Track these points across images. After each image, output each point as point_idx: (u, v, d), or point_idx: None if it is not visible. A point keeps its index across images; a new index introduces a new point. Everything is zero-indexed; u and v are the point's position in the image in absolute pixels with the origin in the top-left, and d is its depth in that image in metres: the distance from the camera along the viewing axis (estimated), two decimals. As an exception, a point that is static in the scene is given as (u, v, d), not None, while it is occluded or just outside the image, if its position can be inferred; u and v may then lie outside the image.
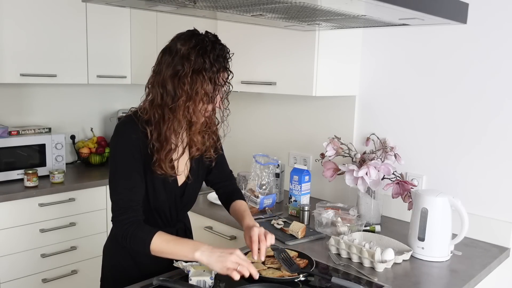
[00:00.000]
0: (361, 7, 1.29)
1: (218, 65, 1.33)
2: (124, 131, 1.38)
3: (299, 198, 2.16)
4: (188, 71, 1.29)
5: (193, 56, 1.29)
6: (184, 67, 1.30)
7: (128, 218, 1.35)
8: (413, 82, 2.09)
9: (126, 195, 1.36)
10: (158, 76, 1.35)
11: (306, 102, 2.50)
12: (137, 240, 1.32)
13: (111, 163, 1.40)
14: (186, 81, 1.29)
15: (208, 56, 1.30)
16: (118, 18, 3.06)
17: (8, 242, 2.45)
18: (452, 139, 1.99)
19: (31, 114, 3.02)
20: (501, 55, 1.83)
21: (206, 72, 1.30)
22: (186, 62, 1.30)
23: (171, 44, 1.36)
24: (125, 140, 1.37)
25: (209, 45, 1.32)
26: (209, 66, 1.30)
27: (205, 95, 1.32)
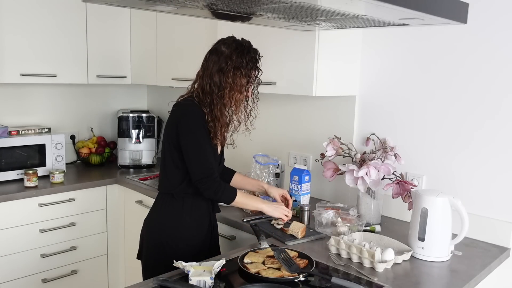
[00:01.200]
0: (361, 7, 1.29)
1: (252, 64, 1.72)
2: (194, 111, 1.70)
3: (299, 198, 2.16)
4: (230, 67, 1.68)
5: (234, 57, 1.68)
6: (228, 64, 1.68)
7: (217, 177, 1.73)
8: (413, 82, 2.09)
9: (211, 160, 1.72)
10: (206, 71, 1.72)
11: (306, 102, 2.50)
12: (229, 191, 1.75)
13: (188, 136, 1.69)
14: (229, 75, 1.68)
15: (245, 57, 1.69)
16: (118, 18, 3.06)
17: (8, 242, 2.45)
18: (452, 139, 1.99)
19: (31, 114, 3.02)
20: (502, 55, 1.83)
21: (243, 69, 1.69)
22: (229, 61, 1.68)
23: (216, 47, 1.73)
24: (198, 117, 1.69)
25: (246, 48, 1.71)
26: (245, 64, 1.69)
27: (241, 86, 1.71)
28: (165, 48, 2.90)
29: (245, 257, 1.56)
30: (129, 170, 3.09)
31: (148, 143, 3.17)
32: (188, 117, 1.70)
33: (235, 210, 2.19)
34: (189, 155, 1.70)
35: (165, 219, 1.80)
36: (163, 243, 1.77)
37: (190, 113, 1.70)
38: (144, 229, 1.88)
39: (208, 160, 1.70)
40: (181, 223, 1.78)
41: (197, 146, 1.69)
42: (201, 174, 1.69)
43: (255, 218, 2.05)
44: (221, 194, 1.72)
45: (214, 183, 1.70)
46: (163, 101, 3.47)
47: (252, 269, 1.46)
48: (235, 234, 2.06)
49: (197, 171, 1.70)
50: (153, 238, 1.81)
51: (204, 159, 1.70)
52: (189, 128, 1.69)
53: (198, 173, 1.70)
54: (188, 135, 1.70)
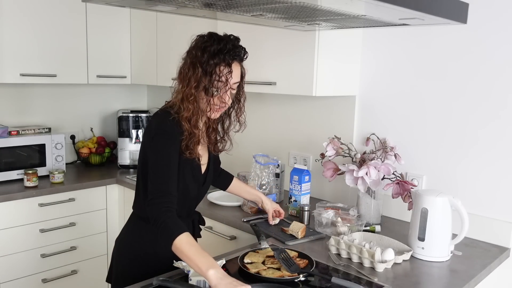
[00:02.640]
0: (361, 7, 1.29)
1: (217, 59, 1.40)
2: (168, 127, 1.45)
3: (299, 198, 2.16)
4: (187, 62, 1.44)
5: (195, 50, 1.43)
6: (187, 59, 1.44)
7: (166, 203, 1.38)
8: (413, 82, 2.09)
9: (167, 182, 1.42)
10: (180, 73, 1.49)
11: (306, 102, 2.50)
12: (167, 229, 1.33)
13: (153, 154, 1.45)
14: (185, 72, 1.43)
15: (208, 50, 1.40)
16: (118, 18, 3.06)
17: (8, 242, 2.45)
18: (452, 139, 1.99)
19: (31, 114, 3.02)
20: (503, 55, 1.83)
21: (202, 64, 1.40)
22: (188, 55, 1.44)
23: None
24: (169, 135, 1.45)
25: (215, 40, 1.42)
26: (206, 59, 1.40)
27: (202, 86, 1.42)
28: (165, 48, 2.90)
29: (245, 257, 1.56)
30: (129, 170, 3.09)
31: (148, 143, 3.16)
32: (159, 131, 1.46)
33: (235, 210, 2.19)
34: (150, 173, 1.45)
35: (137, 241, 1.59)
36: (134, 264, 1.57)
37: (162, 127, 1.46)
38: (115, 250, 1.67)
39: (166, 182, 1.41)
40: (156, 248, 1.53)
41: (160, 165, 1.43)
42: (151, 194, 1.41)
43: (255, 218, 2.05)
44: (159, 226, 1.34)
45: (158, 209, 1.37)
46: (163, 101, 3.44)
47: (252, 269, 1.46)
48: (235, 234, 2.06)
49: (150, 191, 1.42)
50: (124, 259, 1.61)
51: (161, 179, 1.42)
52: (158, 145, 1.45)
53: (150, 193, 1.42)
54: (155, 152, 1.45)
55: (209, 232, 2.15)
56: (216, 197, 2.33)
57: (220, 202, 2.24)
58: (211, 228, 2.15)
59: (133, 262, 1.58)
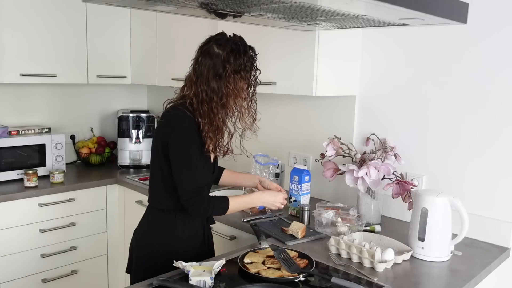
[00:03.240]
0: (361, 7, 1.29)
1: (250, 64, 1.59)
2: (186, 123, 1.56)
3: (299, 198, 2.16)
4: (230, 72, 1.54)
5: (232, 59, 1.54)
6: (227, 69, 1.53)
7: (204, 197, 1.60)
8: (413, 82, 2.09)
9: (199, 179, 1.59)
10: (200, 77, 1.56)
11: (306, 102, 2.50)
12: (220, 208, 1.63)
13: (178, 153, 1.57)
14: (230, 81, 1.55)
15: (242, 58, 1.56)
16: (118, 18, 3.06)
17: (8, 242, 2.45)
18: (452, 139, 1.99)
19: (31, 114, 3.02)
20: (502, 55, 1.83)
21: (242, 71, 1.57)
22: (227, 64, 1.53)
23: (208, 48, 1.57)
24: (190, 131, 1.56)
25: (242, 47, 1.57)
26: (243, 66, 1.56)
27: (242, 90, 1.60)
28: (165, 48, 2.90)
29: (245, 257, 1.56)
30: (129, 170, 3.09)
31: (148, 143, 3.16)
32: (178, 131, 1.56)
33: (235, 210, 2.19)
34: (178, 174, 1.57)
35: (156, 233, 1.68)
36: (155, 255, 1.66)
37: (181, 127, 1.56)
38: (134, 242, 1.75)
39: (197, 180, 1.58)
40: (174, 237, 1.67)
41: (187, 165, 1.56)
42: (189, 195, 1.57)
43: (255, 218, 2.05)
44: (212, 210, 1.62)
45: (202, 204, 1.58)
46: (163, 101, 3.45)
47: (252, 269, 1.46)
48: (235, 234, 2.06)
49: (185, 191, 1.57)
50: (144, 251, 1.70)
51: (193, 179, 1.57)
52: (180, 144, 1.56)
53: (186, 193, 1.57)
54: (178, 152, 1.56)
55: (209, 232, 2.15)
56: (216, 197, 2.33)
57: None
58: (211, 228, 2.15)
59: (154, 254, 1.66)
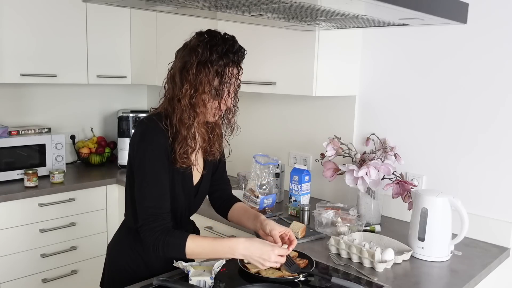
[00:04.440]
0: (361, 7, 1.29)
1: (227, 59, 1.33)
2: (152, 135, 1.35)
3: (299, 198, 2.16)
4: (193, 62, 1.31)
5: (201, 49, 1.31)
6: (191, 58, 1.32)
7: (160, 226, 1.32)
8: (413, 82, 2.09)
9: (157, 203, 1.34)
10: (170, 71, 1.39)
11: (306, 102, 2.50)
12: (170, 247, 1.31)
13: (139, 170, 1.36)
14: (190, 72, 1.32)
15: (216, 49, 1.32)
16: (118, 18, 3.05)
17: (8, 242, 2.45)
18: (452, 139, 1.99)
19: (31, 114, 3.02)
20: (502, 54, 1.83)
21: (212, 64, 1.31)
22: (193, 54, 1.32)
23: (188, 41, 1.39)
24: (154, 147, 1.35)
25: (220, 40, 1.34)
26: (216, 59, 1.32)
27: (211, 88, 1.34)
28: (165, 48, 2.90)
29: (245, 257, 1.55)
30: (129, 170, 3.09)
31: (148, 143, 3.16)
32: (143, 144, 1.35)
33: (235, 210, 2.19)
34: (137, 193, 1.36)
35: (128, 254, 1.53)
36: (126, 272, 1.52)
37: (147, 139, 1.35)
38: (107, 259, 1.62)
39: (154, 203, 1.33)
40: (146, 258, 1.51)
41: (147, 183, 1.34)
42: (142, 220, 1.33)
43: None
44: (163, 247, 1.31)
45: (152, 234, 1.31)
46: (163, 101, 3.47)
47: (252, 269, 1.46)
48: (235, 234, 2.06)
49: (139, 215, 1.34)
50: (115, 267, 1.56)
51: (149, 200, 1.33)
52: (141, 161, 1.35)
53: (139, 217, 1.34)
54: (138, 169, 1.35)
55: (209, 232, 2.15)
56: (216, 197, 2.33)
57: None
58: (211, 228, 2.15)
59: (124, 270, 1.53)
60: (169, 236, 1.31)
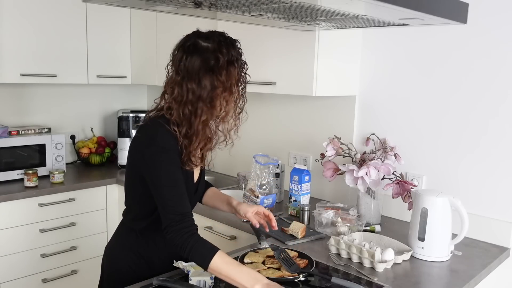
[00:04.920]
0: (361, 7, 1.29)
1: (240, 56, 1.41)
2: (165, 138, 1.36)
3: (299, 198, 2.16)
4: (223, 63, 1.34)
5: (224, 49, 1.35)
6: (220, 60, 1.34)
7: (187, 227, 1.32)
8: (413, 82, 2.09)
9: (179, 203, 1.35)
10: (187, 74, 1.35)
11: (306, 102, 2.50)
12: (198, 254, 1.30)
13: (155, 174, 1.35)
14: (223, 73, 1.34)
15: (235, 49, 1.38)
16: (118, 18, 3.05)
17: (8, 242, 2.45)
18: (452, 139, 1.99)
19: (31, 114, 3.02)
20: (502, 54, 1.83)
21: (235, 63, 1.37)
22: (220, 55, 1.34)
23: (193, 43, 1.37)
24: (169, 146, 1.36)
25: (230, 40, 1.40)
26: (236, 58, 1.38)
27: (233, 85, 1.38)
28: (165, 48, 2.90)
29: (245, 257, 1.56)
30: (129, 170, 3.09)
31: (148, 143, 3.16)
32: (156, 148, 1.35)
33: (235, 210, 2.19)
34: (157, 197, 1.36)
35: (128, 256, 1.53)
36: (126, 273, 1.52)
37: (158, 142, 1.35)
38: (105, 260, 1.61)
39: (182, 205, 1.35)
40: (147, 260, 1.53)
41: (170, 187, 1.35)
42: (169, 221, 1.33)
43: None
44: (188, 252, 1.30)
45: (182, 236, 1.31)
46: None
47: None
48: (235, 234, 2.06)
49: (167, 217, 1.34)
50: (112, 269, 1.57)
51: (177, 203, 1.35)
52: (160, 163, 1.35)
53: (167, 219, 1.34)
54: (158, 172, 1.35)
55: (209, 232, 2.15)
56: (216, 197, 2.33)
57: None
58: (211, 228, 2.15)
59: (125, 271, 1.52)
60: (199, 244, 1.31)
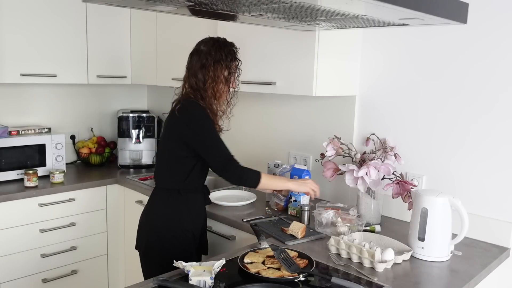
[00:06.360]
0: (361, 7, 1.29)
1: (231, 56, 1.89)
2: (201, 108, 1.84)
3: (299, 198, 2.15)
4: (211, 62, 1.84)
5: (213, 52, 1.85)
6: (208, 59, 1.85)
7: (238, 163, 1.84)
8: (413, 82, 2.09)
9: (226, 148, 1.85)
10: (190, 70, 1.89)
11: (306, 102, 2.50)
12: (253, 177, 1.85)
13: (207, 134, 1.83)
14: (210, 69, 1.84)
15: (223, 50, 1.86)
16: (118, 18, 3.06)
17: (8, 242, 2.46)
18: (452, 139, 1.99)
19: (31, 114, 3.02)
20: (502, 54, 1.83)
21: (222, 61, 1.86)
22: (208, 56, 1.85)
23: (196, 48, 1.91)
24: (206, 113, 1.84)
25: (222, 43, 1.89)
26: (224, 57, 1.86)
27: (224, 78, 1.88)
28: (165, 48, 2.90)
29: (245, 257, 1.56)
30: (129, 170, 3.09)
31: (148, 143, 3.17)
32: (198, 115, 1.83)
33: (235, 210, 2.19)
34: (208, 149, 1.82)
35: (168, 212, 1.90)
36: (167, 234, 1.88)
37: (197, 111, 1.83)
38: (146, 223, 1.96)
39: (226, 149, 1.84)
40: (183, 215, 1.90)
41: (215, 141, 1.83)
42: (223, 162, 1.82)
43: (255, 218, 2.06)
44: (246, 178, 1.84)
45: (237, 169, 1.83)
46: (163, 101, 3.47)
47: (252, 269, 1.46)
48: (235, 234, 2.06)
49: (219, 162, 1.82)
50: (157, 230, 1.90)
51: (222, 149, 1.83)
52: (202, 124, 1.82)
53: (220, 162, 1.82)
54: (203, 131, 1.83)
55: (209, 232, 2.14)
56: (216, 197, 2.33)
57: (220, 202, 2.24)
58: (211, 228, 2.15)
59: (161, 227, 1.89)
60: (249, 171, 1.86)
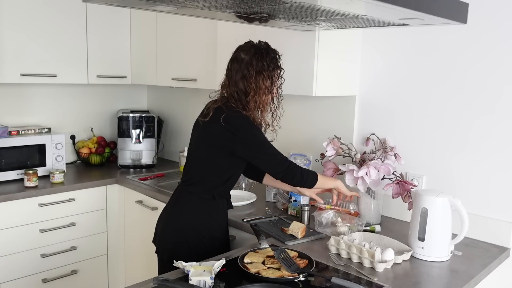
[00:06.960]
0: (361, 7, 1.29)
1: (273, 65, 1.79)
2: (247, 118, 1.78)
3: (299, 198, 2.15)
4: (252, 73, 1.75)
5: (255, 62, 1.75)
6: (249, 70, 1.75)
7: (295, 165, 1.83)
8: (413, 82, 2.09)
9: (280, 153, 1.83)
10: (230, 79, 1.80)
11: (306, 102, 2.50)
12: (312, 177, 1.86)
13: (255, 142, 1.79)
14: (251, 81, 1.75)
15: (265, 59, 1.76)
16: (118, 18, 3.06)
17: (8, 242, 2.45)
18: (453, 139, 1.99)
19: (31, 114, 3.02)
20: (502, 54, 1.83)
21: (264, 71, 1.76)
22: (250, 67, 1.75)
23: (236, 55, 1.81)
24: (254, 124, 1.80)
25: (264, 51, 1.78)
26: (266, 67, 1.77)
27: (266, 88, 1.78)
28: (165, 48, 2.90)
29: (245, 257, 1.56)
30: (129, 170, 3.09)
31: (148, 143, 3.17)
32: (247, 125, 1.78)
33: (235, 210, 2.19)
34: (264, 158, 1.80)
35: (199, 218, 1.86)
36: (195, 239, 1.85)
37: (245, 121, 1.77)
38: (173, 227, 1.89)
39: (281, 154, 1.82)
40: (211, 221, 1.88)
41: (269, 148, 1.81)
42: (283, 167, 1.80)
43: (255, 218, 2.06)
44: (306, 179, 1.84)
45: (297, 171, 1.82)
46: (163, 101, 3.47)
47: (252, 269, 1.46)
48: (235, 234, 2.06)
49: (278, 166, 1.80)
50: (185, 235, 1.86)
51: (277, 155, 1.81)
52: (254, 134, 1.79)
53: (280, 167, 1.80)
54: (255, 142, 1.79)
55: (209, 232, 2.14)
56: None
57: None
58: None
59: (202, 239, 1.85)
60: (308, 171, 1.87)
